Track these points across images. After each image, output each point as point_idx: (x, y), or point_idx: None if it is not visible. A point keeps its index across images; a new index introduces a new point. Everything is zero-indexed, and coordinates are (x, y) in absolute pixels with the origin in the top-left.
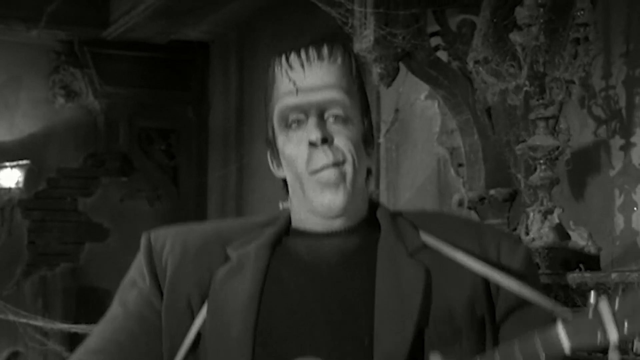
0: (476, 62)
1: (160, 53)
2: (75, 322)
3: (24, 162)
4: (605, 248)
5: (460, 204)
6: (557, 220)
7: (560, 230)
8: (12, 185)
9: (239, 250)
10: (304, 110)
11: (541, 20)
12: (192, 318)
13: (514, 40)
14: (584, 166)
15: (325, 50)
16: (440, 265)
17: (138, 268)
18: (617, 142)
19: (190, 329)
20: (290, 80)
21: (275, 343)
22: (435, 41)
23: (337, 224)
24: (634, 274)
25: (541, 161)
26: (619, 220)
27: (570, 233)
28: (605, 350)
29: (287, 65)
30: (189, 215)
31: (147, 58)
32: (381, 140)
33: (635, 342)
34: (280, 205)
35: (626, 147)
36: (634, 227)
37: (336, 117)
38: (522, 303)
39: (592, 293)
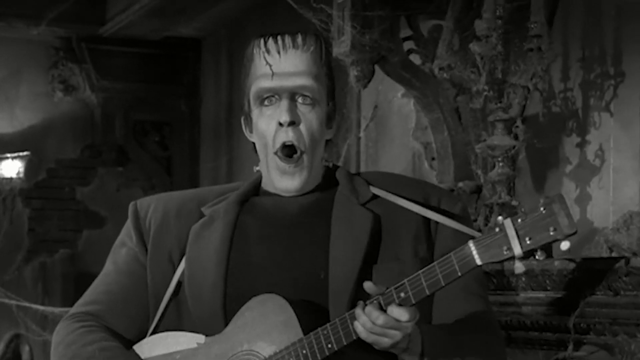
0: (441, 68)
1: (154, 49)
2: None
3: (25, 153)
4: None
5: None
6: (513, 212)
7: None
8: (13, 175)
9: (211, 208)
10: (277, 92)
11: (499, 32)
12: (174, 269)
13: (473, 50)
14: (545, 161)
15: (299, 39)
16: (387, 213)
17: (126, 231)
18: (574, 139)
19: (172, 278)
20: (267, 63)
21: (244, 283)
22: (408, 45)
23: (297, 190)
24: (572, 262)
25: (499, 159)
26: (576, 211)
27: None
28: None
29: (264, 49)
30: None
31: (142, 54)
32: (361, 135)
33: (516, 263)
34: (255, 169)
35: (582, 145)
36: (589, 218)
37: (305, 99)
38: (455, 246)
39: (500, 217)
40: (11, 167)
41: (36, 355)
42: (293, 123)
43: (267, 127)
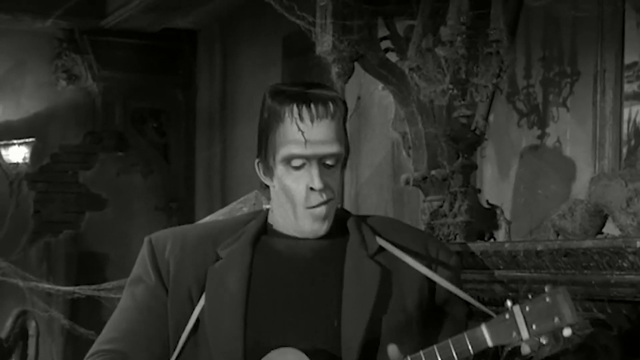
0: (411, 69)
1: (152, 41)
2: (77, 284)
3: (30, 139)
4: (525, 221)
5: (407, 182)
6: (475, 199)
7: (478, 207)
8: (20, 160)
9: (227, 249)
10: (307, 158)
11: (463, 37)
12: (193, 307)
13: (438, 53)
14: (509, 151)
15: (331, 108)
16: (394, 266)
17: (143, 267)
18: (535, 132)
19: (191, 316)
20: (299, 130)
21: (262, 326)
22: (385, 44)
23: (323, 234)
24: (520, 244)
25: (462, 151)
26: (536, 197)
27: (487, 209)
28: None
29: (297, 116)
30: (179, 186)
31: (141, 45)
32: (346, 124)
33: (523, 345)
34: (264, 206)
35: (542, 136)
36: (548, 204)
37: (332, 163)
38: (451, 297)
39: (508, 302)
40: (17, 153)
41: (42, 331)
42: (324, 187)
43: (297, 187)
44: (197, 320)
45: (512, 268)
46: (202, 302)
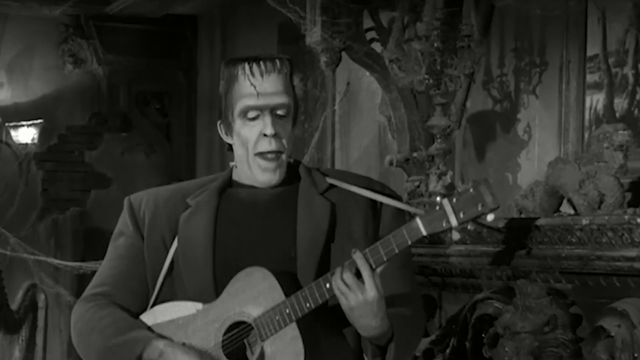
0: (390, 60)
1: (155, 26)
2: (83, 259)
3: (38, 120)
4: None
5: (391, 163)
6: (448, 180)
7: (450, 188)
8: (29, 141)
9: (196, 199)
10: (260, 109)
11: (438, 31)
12: (167, 251)
13: (415, 47)
14: (484, 135)
15: (277, 64)
16: (342, 200)
17: (123, 222)
18: (508, 117)
19: (165, 258)
20: (251, 84)
21: (229, 261)
22: (370, 35)
23: (276, 183)
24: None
25: (437, 136)
26: (508, 177)
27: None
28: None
29: (249, 72)
30: (181, 165)
31: (144, 30)
32: (336, 107)
33: (453, 232)
34: (231, 164)
35: (514, 122)
36: (519, 184)
37: (282, 113)
38: (396, 224)
39: (439, 197)
40: (26, 134)
41: (50, 303)
42: (275, 134)
43: (250, 134)
44: (172, 262)
45: (477, 243)
46: (174, 246)
